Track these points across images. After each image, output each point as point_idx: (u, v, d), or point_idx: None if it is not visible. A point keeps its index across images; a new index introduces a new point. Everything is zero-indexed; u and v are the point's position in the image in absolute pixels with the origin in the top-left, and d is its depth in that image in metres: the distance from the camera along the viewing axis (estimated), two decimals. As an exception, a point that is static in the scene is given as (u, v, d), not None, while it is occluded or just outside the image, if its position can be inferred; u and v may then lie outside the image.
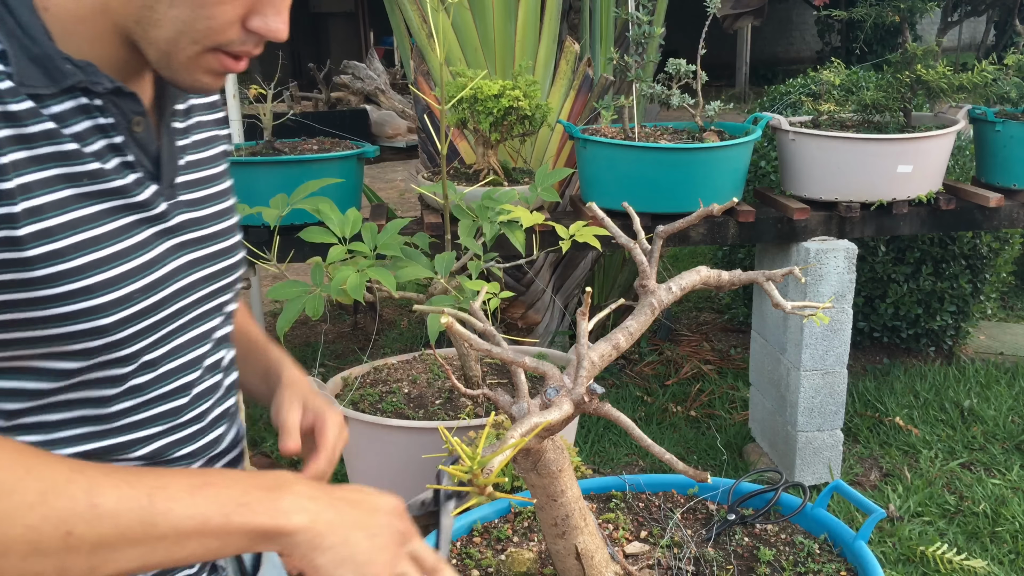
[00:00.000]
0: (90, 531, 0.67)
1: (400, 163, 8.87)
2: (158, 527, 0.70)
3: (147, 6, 0.78)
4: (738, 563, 1.35)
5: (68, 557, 0.66)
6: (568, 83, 3.14)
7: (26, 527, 0.65)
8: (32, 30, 0.76)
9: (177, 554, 0.71)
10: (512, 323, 3.44)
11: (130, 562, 0.69)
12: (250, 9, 0.81)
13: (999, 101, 2.92)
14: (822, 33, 11.56)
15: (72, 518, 0.66)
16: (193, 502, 0.72)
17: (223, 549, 0.73)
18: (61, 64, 0.78)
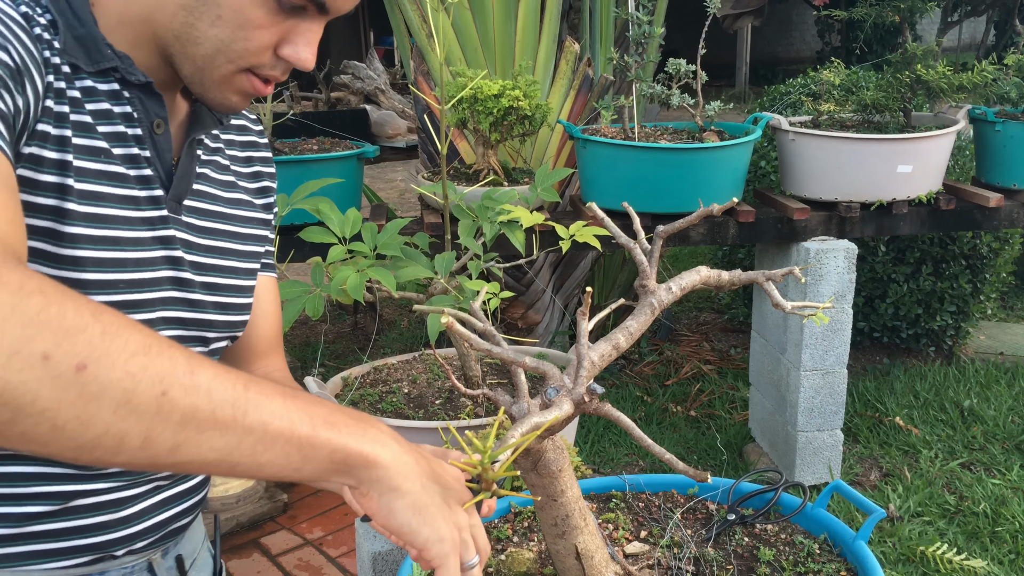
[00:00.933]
0: (184, 398, 0.64)
1: (400, 163, 8.87)
2: (248, 416, 0.67)
3: (189, 23, 0.82)
4: (738, 563, 1.35)
5: (157, 423, 0.63)
6: (568, 83, 3.14)
7: (126, 372, 0.61)
8: (80, 13, 0.81)
9: (260, 456, 0.68)
10: (512, 323, 3.44)
11: (213, 450, 0.66)
12: (284, 38, 0.86)
13: (999, 101, 2.92)
14: (822, 33, 11.57)
15: (170, 378, 0.63)
16: (284, 405, 0.69)
17: (302, 467, 0.70)
18: (103, 47, 0.82)
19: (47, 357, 0.59)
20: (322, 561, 2.68)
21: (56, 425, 0.59)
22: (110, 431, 0.61)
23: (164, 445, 0.64)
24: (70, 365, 0.59)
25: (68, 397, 0.59)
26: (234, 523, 2.83)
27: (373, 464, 0.73)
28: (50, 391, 0.59)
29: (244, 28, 0.83)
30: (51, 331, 0.59)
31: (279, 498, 2.95)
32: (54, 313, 0.60)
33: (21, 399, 0.58)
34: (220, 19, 0.82)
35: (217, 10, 0.82)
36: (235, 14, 0.82)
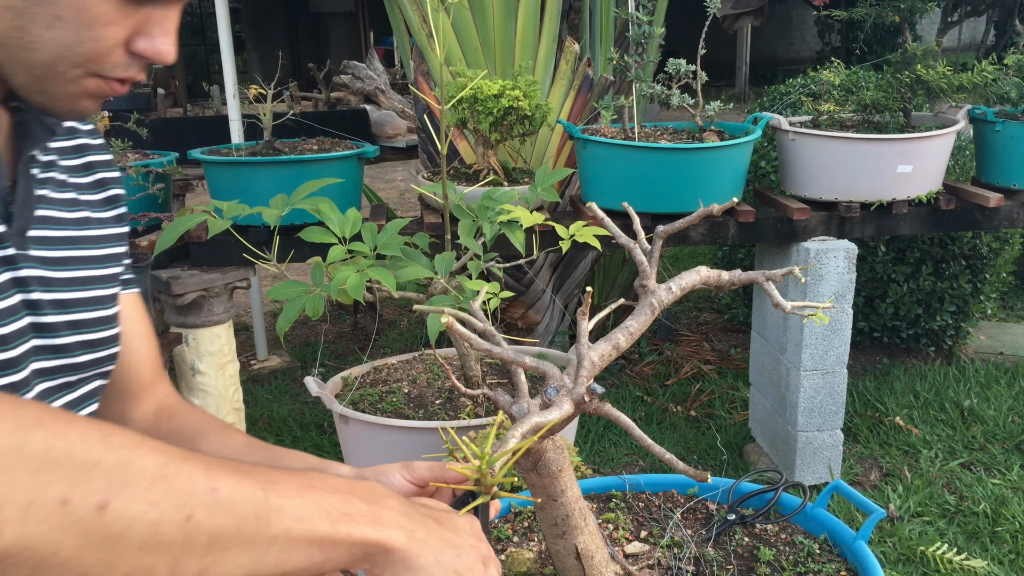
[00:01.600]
0: (209, 519, 0.59)
1: (400, 163, 8.87)
2: (271, 527, 0.63)
3: (19, 27, 0.71)
4: (738, 563, 1.35)
5: (183, 551, 0.58)
6: (568, 83, 3.14)
7: (148, 503, 0.56)
8: None
9: (285, 563, 0.64)
10: (512, 323, 3.44)
11: (239, 568, 0.62)
12: (136, 31, 0.75)
13: (999, 101, 2.92)
14: (822, 33, 11.57)
15: (192, 500, 0.59)
16: (303, 503, 0.66)
17: (323, 564, 0.68)
18: None
19: (65, 502, 0.53)
20: (322, 561, 2.68)
21: (79, 573, 0.55)
22: (136, 568, 0.57)
23: (191, 572, 0.60)
24: (91, 506, 0.54)
25: (92, 541, 0.54)
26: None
27: (390, 550, 0.71)
28: (72, 538, 0.54)
29: (90, 27, 0.72)
30: (64, 471, 0.54)
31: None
32: (62, 448, 0.54)
33: (43, 552, 0.53)
34: (59, 19, 0.71)
35: (54, 9, 0.70)
36: (76, 12, 0.71)
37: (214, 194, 2.53)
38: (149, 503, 0.57)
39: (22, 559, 0.52)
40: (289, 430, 3.30)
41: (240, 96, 3.36)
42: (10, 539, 0.51)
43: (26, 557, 0.52)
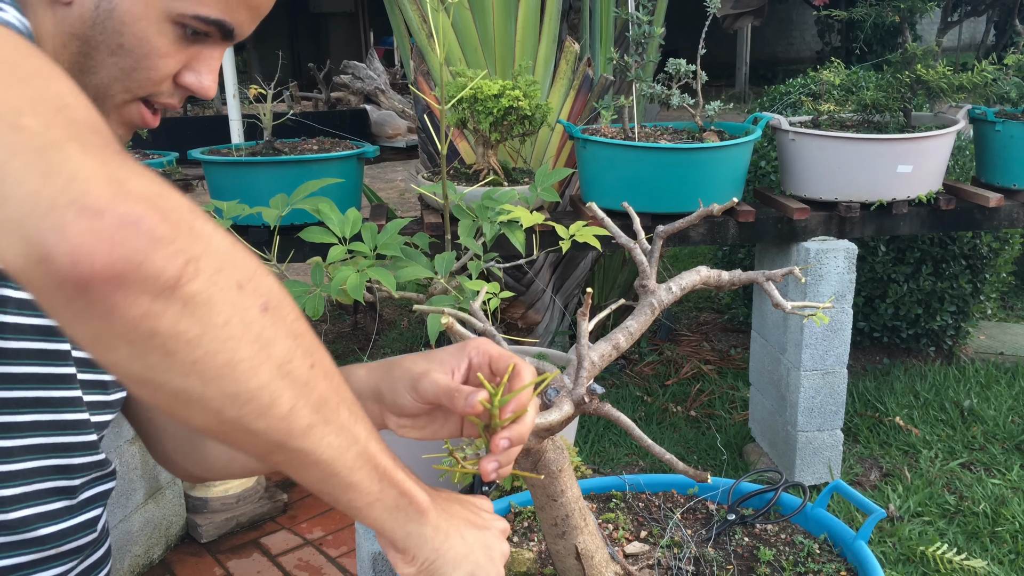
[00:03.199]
0: (324, 380, 0.62)
1: (400, 163, 8.87)
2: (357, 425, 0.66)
3: (84, 53, 0.78)
4: (738, 563, 1.35)
5: (302, 396, 0.61)
6: (568, 83, 3.14)
7: (291, 332, 0.60)
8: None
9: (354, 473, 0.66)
10: (512, 323, 3.44)
11: (330, 448, 0.64)
12: (185, 65, 0.83)
13: (999, 101, 2.92)
14: (822, 33, 11.57)
15: (317, 353, 0.62)
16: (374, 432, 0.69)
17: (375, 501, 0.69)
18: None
19: (241, 286, 0.57)
20: (322, 561, 2.68)
21: (232, 360, 0.57)
22: (269, 387, 0.59)
23: (301, 423, 0.61)
24: (257, 302, 0.58)
25: (249, 334, 0.57)
26: (234, 523, 2.83)
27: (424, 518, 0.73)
28: (239, 320, 0.56)
29: (148, 57, 0.79)
30: (244, 263, 0.58)
31: (279, 498, 2.95)
32: (241, 249, 0.59)
33: (217, 318, 0.55)
34: (122, 48, 0.78)
35: (118, 39, 0.78)
36: (139, 42, 0.78)
37: (214, 194, 2.53)
38: (292, 332, 0.60)
39: (200, 314, 0.55)
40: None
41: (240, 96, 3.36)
42: (200, 286, 0.55)
43: (202, 314, 0.55)
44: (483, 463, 0.80)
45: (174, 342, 0.55)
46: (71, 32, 0.77)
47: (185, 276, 0.54)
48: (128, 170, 0.55)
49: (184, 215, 0.56)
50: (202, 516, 2.80)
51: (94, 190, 0.52)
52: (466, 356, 0.85)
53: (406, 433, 0.88)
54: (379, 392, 0.87)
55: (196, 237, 0.55)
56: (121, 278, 0.52)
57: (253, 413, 0.59)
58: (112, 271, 0.52)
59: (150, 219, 0.53)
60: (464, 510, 0.80)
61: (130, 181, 0.54)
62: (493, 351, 0.84)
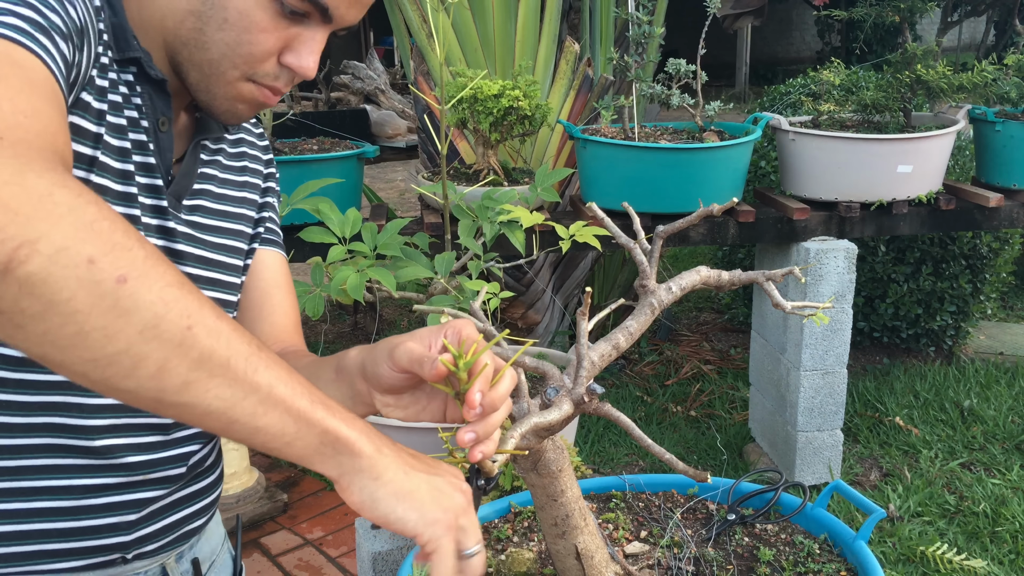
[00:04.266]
0: (206, 338, 0.64)
1: (400, 163, 8.87)
2: (257, 374, 0.67)
3: (198, 28, 0.83)
4: (738, 563, 1.35)
5: (176, 354, 0.63)
6: (568, 83, 3.14)
7: (159, 297, 0.62)
8: (115, 3, 0.83)
9: (259, 419, 0.68)
10: (512, 323, 3.44)
11: (218, 399, 0.66)
12: (287, 45, 0.86)
13: (999, 101, 2.92)
14: (822, 33, 11.57)
15: (197, 315, 0.64)
16: (288, 376, 0.70)
17: (293, 441, 0.70)
18: (130, 37, 0.84)
19: (92, 261, 0.59)
20: (322, 561, 2.68)
21: (82, 330, 0.60)
22: (130, 351, 0.61)
23: (176, 380, 0.64)
24: (112, 275, 0.60)
25: (102, 305, 0.60)
26: (234, 523, 2.83)
27: (357, 453, 0.72)
28: (87, 294, 0.59)
29: (249, 31, 0.83)
30: (101, 240, 0.60)
31: (279, 498, 2.95)
32: (106, 226, 0.61)
33: (58, 295, 0.58)
34: (226, 22, 0.83)
35: (224, 13, 0.83)
36: (240, 16, 0.83)
37: (214, 194, 2.53)
38: (160, 298, 0.62)
39: (38, 292, 0.58)
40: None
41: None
42: (35, 268, 0.57)
43: (41, 292, 0.58)
44: (460, 433, 0.80)
45: (20, 317, 0.58)
46: (188, 9, 0.83)
47: (15, 260, 0.57)
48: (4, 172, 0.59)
49: (29, 201, 0.58)
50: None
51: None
52: (442, 333, 0.86)
53: (390, 413, 0.88)
54: (363, 367, 0.88)
55: (38, 220, 0.58)
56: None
57: (118, 375, 0.62)
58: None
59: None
60: (417, 460, 0.77)
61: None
62: (467, 332, 0.85)
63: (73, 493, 0.87)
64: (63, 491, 0.87)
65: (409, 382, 0.86)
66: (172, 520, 0.97)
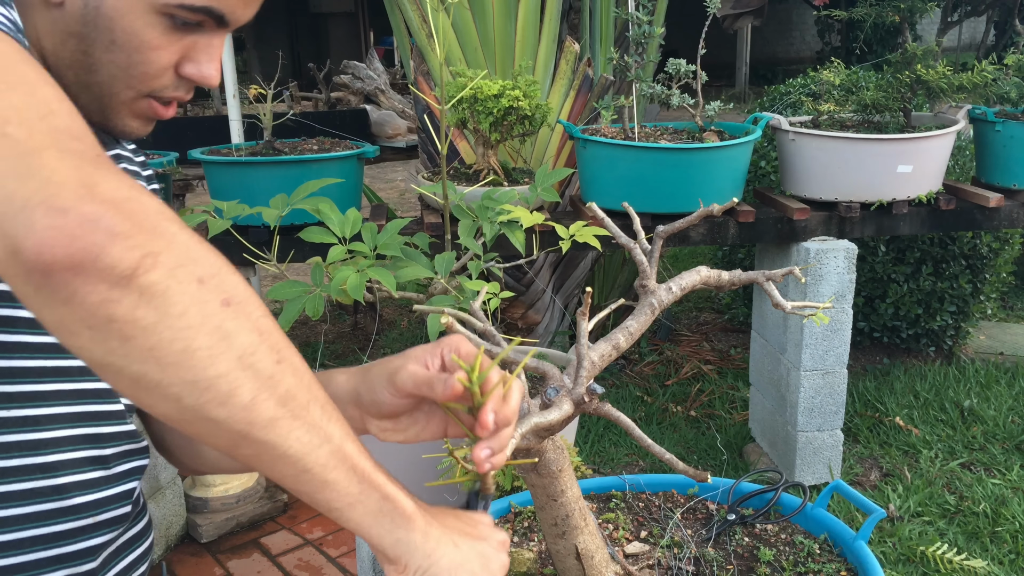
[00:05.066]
0: (291, 376, 0.64)
1: (400, 163, 8.87)
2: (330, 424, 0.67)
3: (82, 51, 0.79)
4: (738, 563, 1.35)
5: (265, 388, 0.62)
6: (568, 83, 3.14)
7: (256, 327, 0.63)
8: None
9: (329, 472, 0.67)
10: (512, 323, 3.44)
11: (298, 442, 0.64)
12: (184, 56, 0.82)
13: (999, 101, 2.92)
14: (822, 33, 11.56)
15: (285, 351, 0.64)
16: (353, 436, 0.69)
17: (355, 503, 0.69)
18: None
19: (202, 281, 0.60)
20: (322, 561, 2.68)
21: (189, 347, 0.60)
22: (228, 376, 0.61)
23: (265, 414, 0.63)
24: (218, 296, 0.61)
25: (208, 325, 0.60)
26: (234, 523, 2.83)
27: (412, 528, 0.72)
28: (197, 311, 0.60)
29: (140, 51, 0.79)
30: (208, 262, 0.62)
31: (279, 498, 2.95)
32: (206, 250, 0.62)
33: (173, 308, 0.59)
34: (114, 44, 0.78)
35: (110, 35, 0.78)
36: (129, 37, 0.78)
37: (214, 194, 2.53)
38: (256, 327, 0.63)
39: (156, 303, 0.59)
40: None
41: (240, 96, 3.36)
42: (157, 278, 0.59)
43: (159, 303, 0.59)
44: (475, 450, 0.79)
45: (131, 328, 0.58)
46: (67, 31, 0.78)
47: (142, 268, 0.58)
48: (100, 175, 0.60)
49: (148, 216, 0.60)
50: (202, 516, 2.80)
51: (63, 192, 0.58)
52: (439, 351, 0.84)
53: (388, 437, 0.86)
54: (357, 395, 0.86)
55: (158, 235, 0.60)
56: (80, 267, 0.57)
57: (213, 401, 0.61)
58: (71, 261, 0.57)
59: (111, 218, 0.58)
60: (459, 522, 0.78)
61: (100, 186, 0.59)
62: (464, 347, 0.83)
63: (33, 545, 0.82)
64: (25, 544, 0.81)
65: (410, 406, 0.84)
66: (121, 567, 0.92)
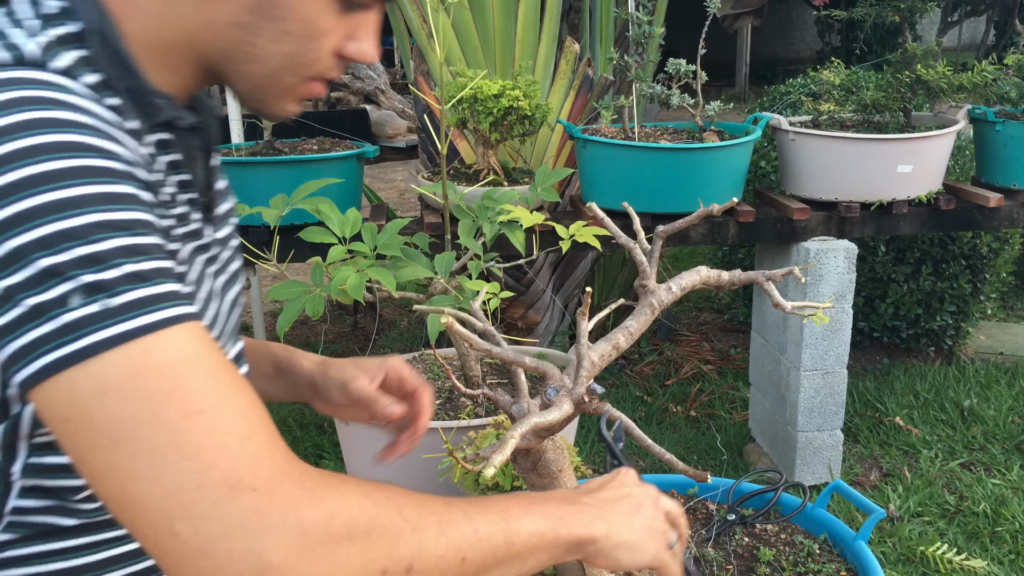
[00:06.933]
0: (476, 555, 0.72)
1: (400, 163, 8.87)
2: (515, 546, 0.75)
3: (246, 41, 0.77)
4: (738, 563, 1.35)
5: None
6: (568, 83, 3.14)
7: (438, 557, 0.69)
8: (123, 57, 0.74)
9: (520, 569, 0.77)
10: (512, 323, 3.44)
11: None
12: (347, 36, 0.81)
13: (999, 101, 2.92)
14: (822, 33, 11.56)
15: (464, 545, 0.71)
16: (531, 520, 0.78)
17: (547, 561, 0.80)
18: (152, 98, 0.76)
19: (385, 572, 0.66)
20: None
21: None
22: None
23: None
24: (402, 571, 0.67)
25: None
26: None
27: (595, 540, 0.84)
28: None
29: (313, 38, 0.78)
30: (382, 546, 0.66)
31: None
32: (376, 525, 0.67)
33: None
34: (286, 33, 0.76)
35: (282, 24, 0.76)
36: (304, 25, 0.76)
37: (214, 194, 2.53)
38: (438, 557, 0.70)
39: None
40: (289, 430, 3.30)
41: (240, 96, 3.35)
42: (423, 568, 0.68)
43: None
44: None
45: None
46: (232, 21, 0.75)
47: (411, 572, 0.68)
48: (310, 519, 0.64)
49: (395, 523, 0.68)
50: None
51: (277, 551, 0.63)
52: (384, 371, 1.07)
53: (326, 411, 1.09)
54: (314, 384, 1.07)
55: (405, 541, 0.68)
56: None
57: None
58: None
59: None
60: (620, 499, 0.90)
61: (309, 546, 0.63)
62: (405, 372, 1.08)
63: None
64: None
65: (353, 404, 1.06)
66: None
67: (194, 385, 0.64)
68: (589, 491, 0.90)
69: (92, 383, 0.62)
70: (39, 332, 0.62)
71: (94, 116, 0.68)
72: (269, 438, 0.67)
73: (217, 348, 0.68)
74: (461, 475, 1.75)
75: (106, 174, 0.66)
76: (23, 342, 0.62)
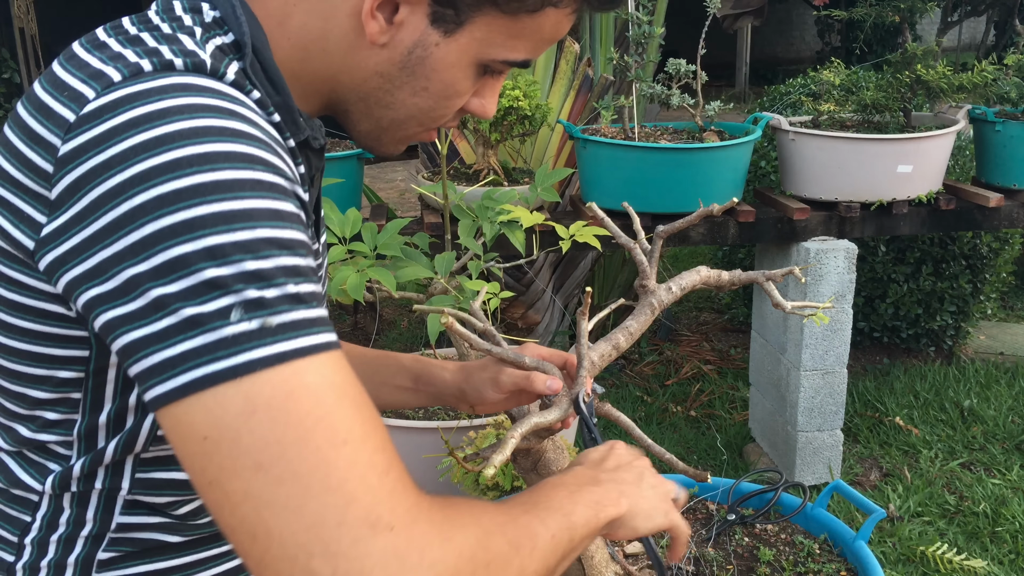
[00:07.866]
0: (553, 558, 0.75)
1: (400, 163, 8.86)
2: (575, 540, 0.79)
3: (385, 90, 0.79)
4: (738, 563, 1.35)
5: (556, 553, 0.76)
6: (568, 83, 3.14)
7: (533, 572, 0.72)
8: (275, 78, 0.75)
9: (572, 557, 0.80)
10: (512, 323, 3.44)
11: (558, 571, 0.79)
12: (475, 94, 0.84)
13: (999, 101, 2.92)
14: (822, 33, 11.55)
15: (547, 551, 0.74)
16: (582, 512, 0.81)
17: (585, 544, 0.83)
18: (296, 116, 0.77)
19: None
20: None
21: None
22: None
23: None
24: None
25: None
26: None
27: (621, 516, 0.87)
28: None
29: (450, 98, 0.80)
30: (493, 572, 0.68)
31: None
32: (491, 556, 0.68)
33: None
34: (425, 91, 0.79)
35: (424, 82, 0.78)
36: (445, 87, 0.79)
37: (214, 194, 2.53)
38: (533, 572, 0.73)
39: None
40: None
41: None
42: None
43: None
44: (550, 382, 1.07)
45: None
46: (377, 71, 0.77)
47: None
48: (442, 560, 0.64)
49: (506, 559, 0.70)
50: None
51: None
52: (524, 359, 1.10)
53: (480, 410, 1.12)
54: (462, 391, 1.09)
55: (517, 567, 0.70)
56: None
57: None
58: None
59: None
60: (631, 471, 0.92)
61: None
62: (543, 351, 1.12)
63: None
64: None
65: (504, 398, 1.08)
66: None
67: (341, 414, 0.62)
68: (599, 465, 0.92)
69: (242, 402, 0.59)
70: (191, 344, 0.60)
71: (264, 131, 0.68)
72: (402, 473, 0.66)
73: (358, 379, 0.66)
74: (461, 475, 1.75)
75: (275, 190, 0.65)
76: (169, 353, 0.60)
